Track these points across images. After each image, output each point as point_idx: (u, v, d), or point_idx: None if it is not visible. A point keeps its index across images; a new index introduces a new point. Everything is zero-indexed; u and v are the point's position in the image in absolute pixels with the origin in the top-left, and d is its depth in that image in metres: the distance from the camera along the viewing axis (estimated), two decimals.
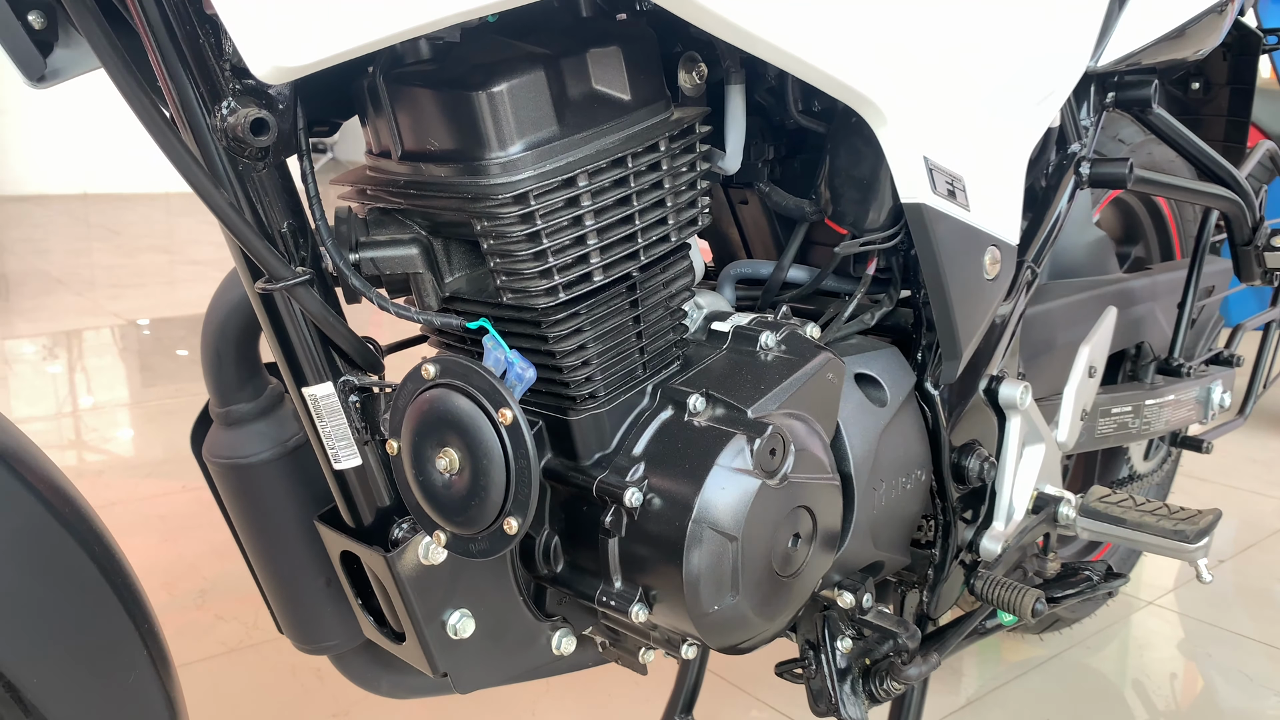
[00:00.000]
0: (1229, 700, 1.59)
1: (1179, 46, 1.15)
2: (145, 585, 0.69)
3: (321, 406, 0.68)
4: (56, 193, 9.35)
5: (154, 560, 1.99)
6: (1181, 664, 1.70)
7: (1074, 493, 1.06)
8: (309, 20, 0.47)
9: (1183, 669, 1.69)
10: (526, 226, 0.67)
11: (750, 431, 0.74)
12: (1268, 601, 1.92)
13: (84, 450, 2.77)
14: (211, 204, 0.58)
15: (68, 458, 2.68)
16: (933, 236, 0.84)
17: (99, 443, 2.81)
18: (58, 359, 3.75)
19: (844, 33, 0.72)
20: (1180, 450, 1.53)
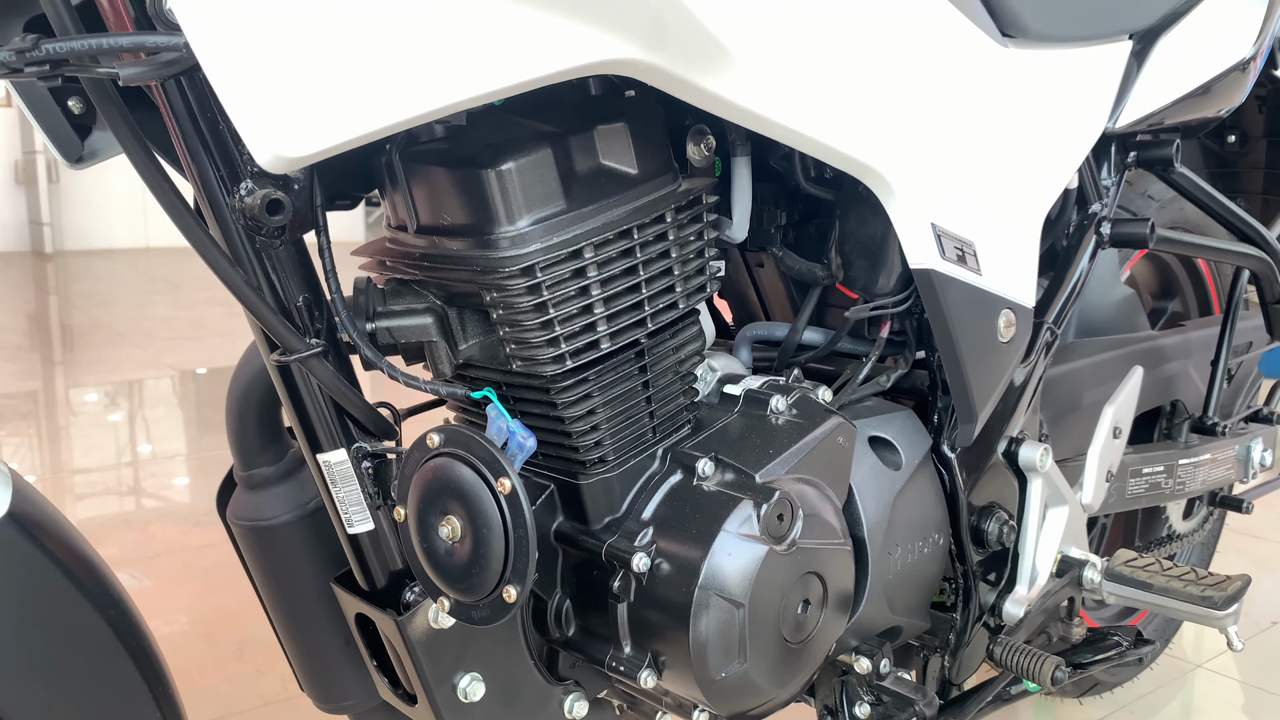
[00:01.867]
0: None
1: (1201, 105, 1.15)
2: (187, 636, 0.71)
3: (335, 472, 0.71)
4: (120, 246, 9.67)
5: (196, 611, 2.03)
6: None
7: (1110, 553, 1.05)
8: (308, 114, 0.49)
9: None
10: (534, 297, 0.69)
11: (758, 496, 0.75)
12: None
13: (135, 499, 2.84)
14: (226, 280, 0.61)
15: (119, 506, 2.75)
16: (943, 301, 0.85)
17: (149, 492, 2.87)
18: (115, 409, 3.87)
19: (847, 107, 0.73)
20: (1223, 510, 1.50)
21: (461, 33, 0.53)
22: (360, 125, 0.51)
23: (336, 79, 0.50)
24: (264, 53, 0.48)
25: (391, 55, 0.51)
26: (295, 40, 0.48)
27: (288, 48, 0.48)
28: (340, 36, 0.49)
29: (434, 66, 0.52)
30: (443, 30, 0.52)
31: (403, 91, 0.52)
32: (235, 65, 0.47)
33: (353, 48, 0.50)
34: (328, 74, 0.50)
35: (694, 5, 0.59)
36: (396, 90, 0.52)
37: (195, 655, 1.87)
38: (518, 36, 0.54)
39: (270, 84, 0.48)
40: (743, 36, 0.63)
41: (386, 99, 0.51)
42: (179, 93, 0.60)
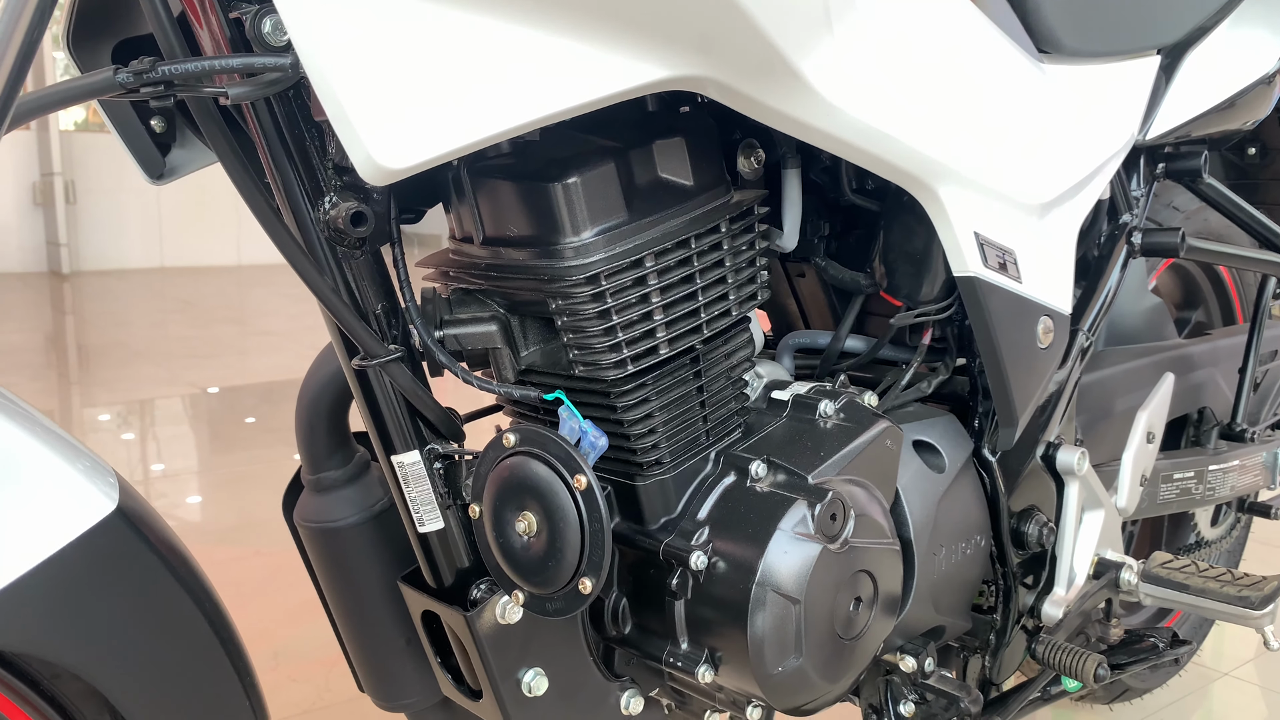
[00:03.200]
0: None
1: (1228, 118, 1.17)
2: None
3: (409, 473, 0.73)
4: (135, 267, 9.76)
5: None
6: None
7: (1138, 559, 1.07)
8: (408, 130, 0.52)
9: None
10: (598, 305, 0.72)
11: (811, 497, 0.77)
12: None
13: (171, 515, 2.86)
14: (314, 288, 0.64)
15: None
16: (986, 308, 0.88)
17: (173, 509, 2.90)
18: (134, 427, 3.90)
19: (896, 119, 0.76)
20: (1250, 516, 1.51)
21: (549, 53, 0.56)
22: (454, 140, 0.54)
23: (433, 98, 0.53)
24: (368, 73, 0.51)
25: (485, 76, 0.54)
26: (397, 62, 0.51)
27: (390, 69, 0.51)
28: (438, 59, 0.53)
29: (523, 86, 0.56)
30: (532, 51, 0.55)
31: (495, 109, 0.55)
32: (342, 84, 0.50)
33: (449, 69, 0.53)
34: (426, 93, 0.53)
35: (769, 28, 0.62)
36: (489, 108, 0.55)
37: None
38: (606, 55, 0.58)
39: (373, 102, 0.51)
40: (811, 57, 0.66)
41: (479, 116, 0.54)
42: (268, 111, 0.64)
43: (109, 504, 0.58)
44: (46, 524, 0.55)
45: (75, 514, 0.56)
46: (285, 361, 5.00)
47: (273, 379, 4.48)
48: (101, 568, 0.56)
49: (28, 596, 0.53)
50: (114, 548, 0.57)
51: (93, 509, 0.57)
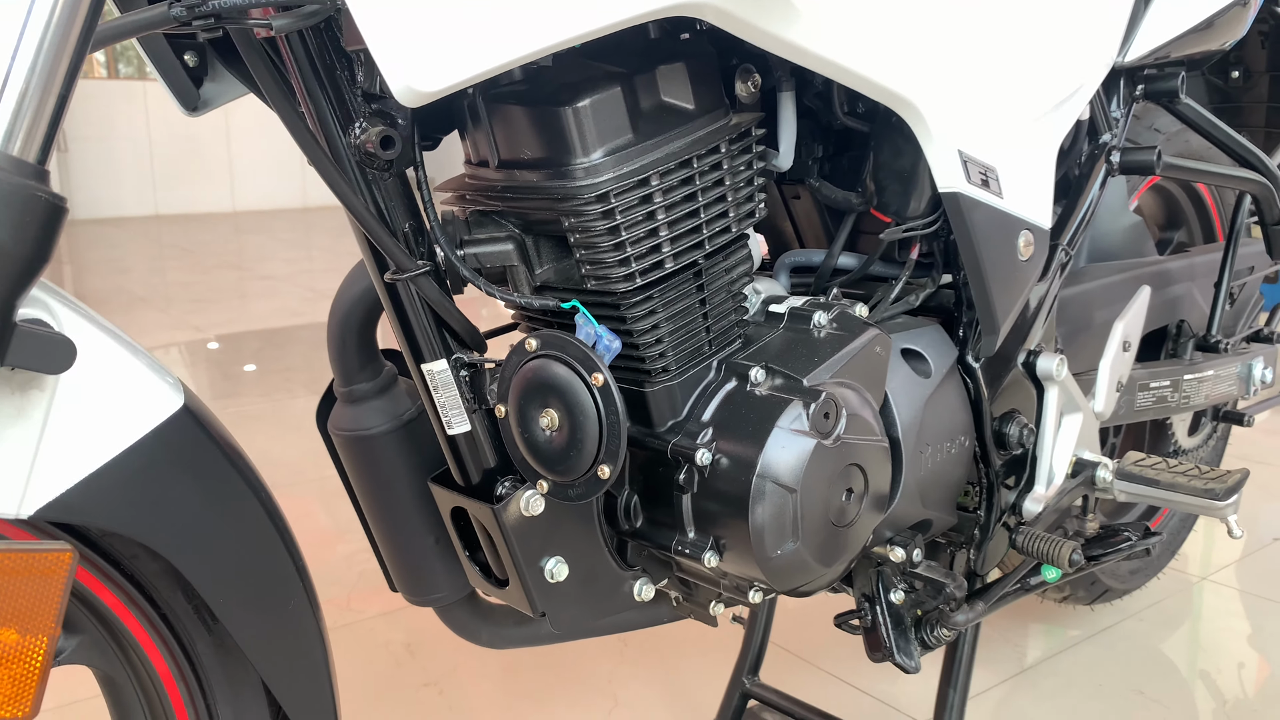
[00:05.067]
0: None
1: (1205, 39, 1.22)
2: None
3: (438, 380, 0.80)
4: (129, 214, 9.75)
5: None
6: (1234, 637, 1.75)
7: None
8: (439, 54, 0.58)
9: (1235, 642, 1.74)
10: (608, 222, 0.78)
11: (806, 397, 0.84)
12: None
13: None
14: (350, 206, 0.70)
15: None
16: (969, 222, 0.94)
17: None
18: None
19: (881, 41, 0.81)
20: (1227, 426, 1.59)
21: None
22: (479, 64, 0.59)
23: (460, 26, 0.58)
24: (401, 3, 0.56)
25: (506, 6, 0.60)
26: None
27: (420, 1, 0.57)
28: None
29: (541, 14, 0.61)
30: None
31: (515, 35, 0.60)
32: (378, 14, 0.56)
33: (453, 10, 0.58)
34: (453, 22, 0.58)
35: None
36: (510, 34, 0.60)
37: None
38: None
39: (406, 30, 0.57)
40: None
41: (501, 42, 0.60)
42: (302, 44, 0.69)
43: (178, 400, 0.65)
44: (125, 417, 0.61)
45: (150, 409, 0.62)
46: (288, 305, 5.06)
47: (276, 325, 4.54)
48: (173, 457, 0.63)
49: (110, 482, 0.60)
50: (183, 440, 0.63)
51: (165, 405, 0.63)
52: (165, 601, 0.67)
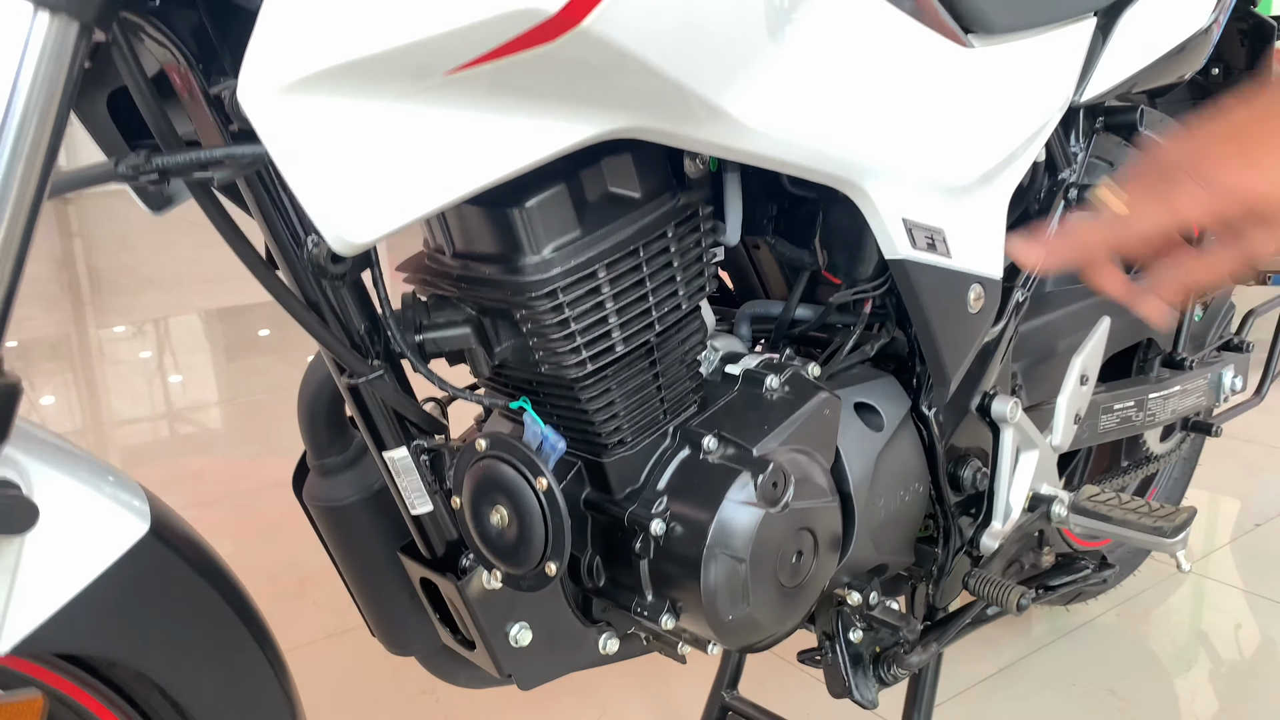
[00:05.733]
0: (1260, 665, 1.69)
1: (1166, 71, 1.23)
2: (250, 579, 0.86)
3: (399, 466, 0.84)
4: None
5: (258, 552, 2.21)
6: (1211, 629, 1.80)
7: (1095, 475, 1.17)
8: (367, 209, 0.61)
9: (1211, 633, 1.78)
10: (557, 315, 0.81)
11: (755, 468, 0.88)
12: None
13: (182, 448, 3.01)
14: (300, 320, 0.74)
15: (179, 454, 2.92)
16: (916, 285, 0.96)
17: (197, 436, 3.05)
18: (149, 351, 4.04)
19: (818, 130, 0.83)
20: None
21: (488, 128, 0.64)
22: (410, 213, 0.63)
23: (388, 178, 0.61)
24: (328, 163, 0.59)
25: (431, 154, 0.62)
26: (352, 150, 0.59)
27: (347, 158, 0.59)
28: (389, 145, 0.61)
29: (467, 158, 0.64)
30: (472, 129, 0.63)
31: (443, 181, 0.63)
32: (305, 175, 0.58)
33: (400, 153, 0.61)
34: (380, 175, 0.61)
35: (691, 83, 0.69)
36: (438, 181, 0.63)
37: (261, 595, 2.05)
38: (540, 123, 0.66)
39: (334, 188, 0.59)
40: (731, 93, 0.73)
41: (430, 189, 0.63)
42: (257, 176, 0.72)
43: (142, 526, 0.69)
44: (92, 549, 0.66)
45: (115, 538, 0.67)
46: None
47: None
48: (141, 580, 0.67)
49: (82, 613, 0.64)
50: (150, 561, 0.68)
51: (129, 533, 0.67)
52: (144, 700, 0.72)
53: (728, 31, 0.69)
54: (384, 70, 0.57)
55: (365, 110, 0.58)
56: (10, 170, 0.51)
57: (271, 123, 0.56)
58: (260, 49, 0.55)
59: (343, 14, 0.55)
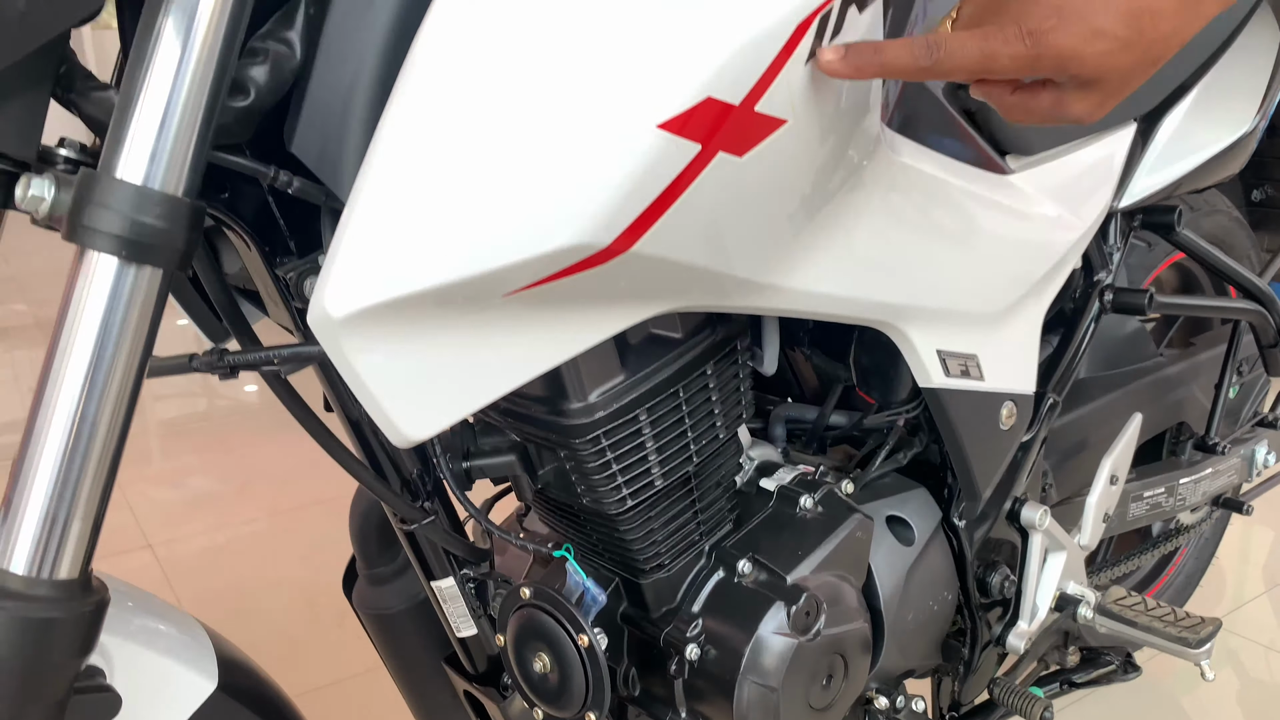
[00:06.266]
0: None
1: (1207, 175, 1.23)
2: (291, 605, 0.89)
3: (445, 594, 0.88)
4: None
5: (297, 580, 2.26)
6: (1234, 686, 1.81)
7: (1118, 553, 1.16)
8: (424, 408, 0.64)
9: (1234, 690, 1.79)
10: (600, 458, 0.84)
11: (788, 598, 0.91)
12: None
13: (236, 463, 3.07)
14: (360, 478, 0.77)
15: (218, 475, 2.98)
16: (948, 409, 0.99)
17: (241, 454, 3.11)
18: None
19: (858, 284, 0.86)
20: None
21: (538, 329, 0.67)
22: (463, 408, 0.66)
23: (443, 382, 0.64)
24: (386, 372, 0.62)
25: (486, 356, 0.66)
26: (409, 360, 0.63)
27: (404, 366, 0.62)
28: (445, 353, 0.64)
29: (517, 356, 0.67)
30: (523, 332, 0.66)
31: (497, 379, 0.66)
32: (365, 383, 0.62)
33: (453, 359, 0.64)
34: (436, 380, 0.64)
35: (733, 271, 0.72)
36: (492, 379, 0.66)
37: (301, 621, 2.11)
38: (588, 318, 0.69)
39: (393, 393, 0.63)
40: (772, 271, 0.76)
41: (484, 387, 0.66)
42: None
43: (209, 685, 0.73)
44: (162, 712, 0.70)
45: (182, 702, 0.71)
46: None
47: None
48: None
49: None
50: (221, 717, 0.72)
51: (197, 693, 0.72)
52: None
53: (767, 223, 0.72)
54: (444, 297, 0.60)
55: (424, 327, 0.62)
56: (100, 409, 0.54)
57: (338, 347, 0.59)
58: (328, 277, 0.58)
59: (408, 248, 0.58)
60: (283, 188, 0.66)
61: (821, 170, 0.73)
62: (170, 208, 0.54)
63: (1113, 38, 0.58)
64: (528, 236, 0.59)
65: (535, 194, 0.59)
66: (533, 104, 0.58)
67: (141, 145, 0.54)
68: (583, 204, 0.59)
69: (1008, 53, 0.58)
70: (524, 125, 0.58)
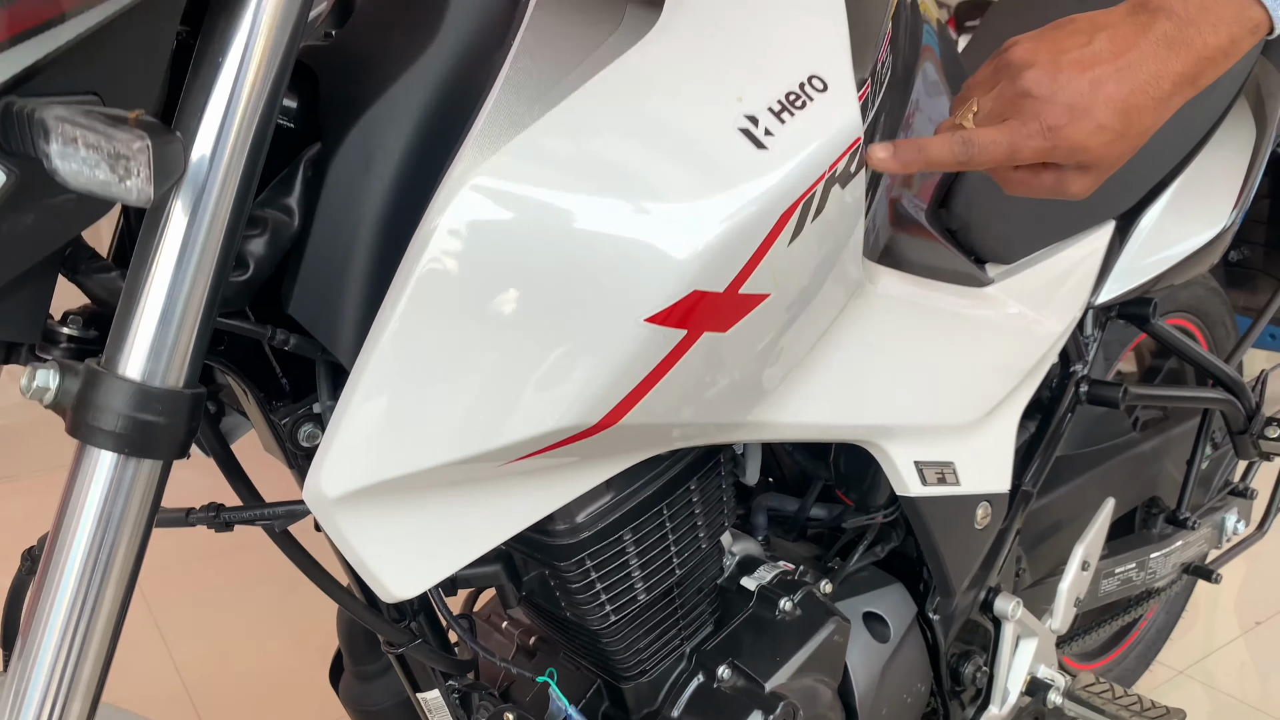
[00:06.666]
0: None
1: (1183, 272, 1.26)
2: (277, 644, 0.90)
3: (430, 705, 0.90)
4: None
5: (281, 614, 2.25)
6: None
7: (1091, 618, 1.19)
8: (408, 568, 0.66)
9: None
10: (584, 579, 0.86)
11: (766, 707, 0.93)
12: None
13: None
14: (349, 608, 0.79)
15: None
16: (925, 517, 1.01)
17: None
18: None
19: (838, 410, 0.88)
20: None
21: (530, 488, 0.69)
22: (452, 565, 0.68)
23: (433, 543, 0.67)
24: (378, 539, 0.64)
25: (477, 517, 0.68)
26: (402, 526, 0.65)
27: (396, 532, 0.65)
28: (438, 518, 0.66)
29: (508, 513, 0.69)
30: (515, 492, 0.68)
31: (486, 535, 0.69)
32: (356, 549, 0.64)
33: (444, 521, 0.66)
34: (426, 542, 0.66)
35: (717, 419, 0.74)
36: (482, 536, 0.69)
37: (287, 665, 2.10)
38: (580, 473, 0.71)
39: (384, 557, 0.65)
40: (755, 410, 0.78)
41: (474, 544, 0.68)
42: None
43: None
44: None
45: None
46: None
47: None
48: None
49: None
50: None
51: None
52: None
53: (751, 377, 0.74)
54: (434, 476, 0.62)
55: (415, 497, 0.64)
56: (100, 600, 0.56)
57: (332, 522, 0.61)
58: (325, 459, 0.60)
59: (401, 432, 0.60)
60: (280, 346, 0.68)
61: (804, 324, 0.75)
62: (171, 402, 0.56)
63: (1112, 131, 0.67)
64: (516, 423, 0.61)
65: (523, 385, 0.61)
66: (523, 300, 0.60)
67: (144, 341, 0.56)
68: (570, 392, 0.61)
69: (1030, 146, 0.67)
70: (513, 321, 0.60)
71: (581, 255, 0.60)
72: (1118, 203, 1.18)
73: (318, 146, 0.68)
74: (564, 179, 0.60)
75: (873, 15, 0.83)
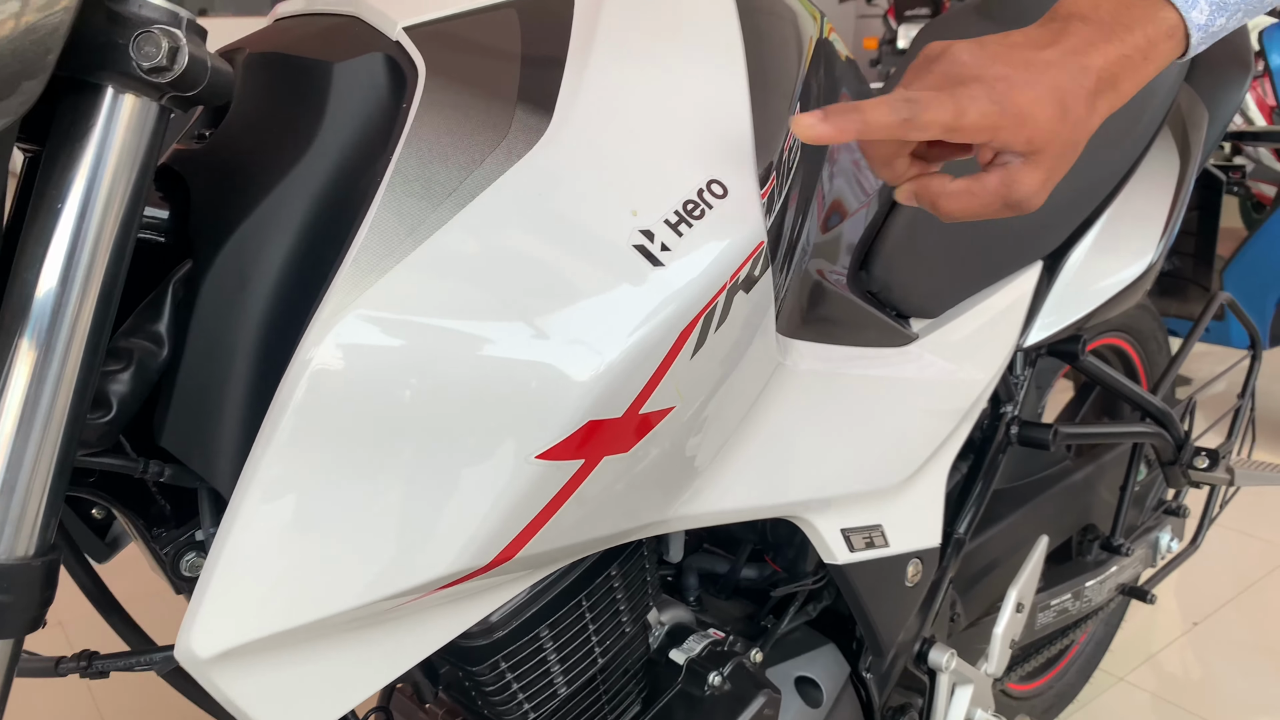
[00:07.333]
0: None
1: (1111, 309, 1.25)
2: None
3: None
4: None
5: None
6: None
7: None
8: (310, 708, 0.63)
9: None
10: (499, 680, 0.83)
11: None
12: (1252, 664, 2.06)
13: None
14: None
15: None
16: (853, 582, 0.99)
17: None
18: None
19: (758, 493, 0.85)
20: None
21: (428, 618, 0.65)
22: (348, 703, 0.64)
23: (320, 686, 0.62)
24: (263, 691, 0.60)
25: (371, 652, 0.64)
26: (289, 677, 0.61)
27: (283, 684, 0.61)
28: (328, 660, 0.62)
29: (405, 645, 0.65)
30: (412, 624, 0.65)
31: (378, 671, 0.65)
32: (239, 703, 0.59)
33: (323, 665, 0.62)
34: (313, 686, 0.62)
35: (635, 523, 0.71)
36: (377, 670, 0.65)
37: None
38: (483, 597, 0.67)
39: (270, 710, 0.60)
40: (677, 504, 0.75)
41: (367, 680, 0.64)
42: None
43: None
44: None
45: None
46: None
47: None
48: None
49: None
50: None
51: None
52: None
53: (663, 482, 0.71)
54: (325, 624, 0.58)
55: (299, 647, 0.60)
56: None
57: (209, 680, 0.57)
58: (194, 620, 0.56)
59: (275, 589, 0.56)
60: (154, 479, 0.63)
61: (715, 422, 0.72)
62: (21, 576, 0.51)
63: (1051, 105, 0.63)
64: (402, 571, 0.57)
65: (408, 530, 0.57)
66: (404, 440, 0.56)
67: None
68: (460, 536, 0.57)
69: (977, 108, 0.62)
70: (395, 464, 0.56)
71: (465, 392, 0.56)
72: (1044, 243, 1.16)
73: (189, 264, 0.63)
74: (445, 309, 0.56)
75: (780, 83, 0.79)
